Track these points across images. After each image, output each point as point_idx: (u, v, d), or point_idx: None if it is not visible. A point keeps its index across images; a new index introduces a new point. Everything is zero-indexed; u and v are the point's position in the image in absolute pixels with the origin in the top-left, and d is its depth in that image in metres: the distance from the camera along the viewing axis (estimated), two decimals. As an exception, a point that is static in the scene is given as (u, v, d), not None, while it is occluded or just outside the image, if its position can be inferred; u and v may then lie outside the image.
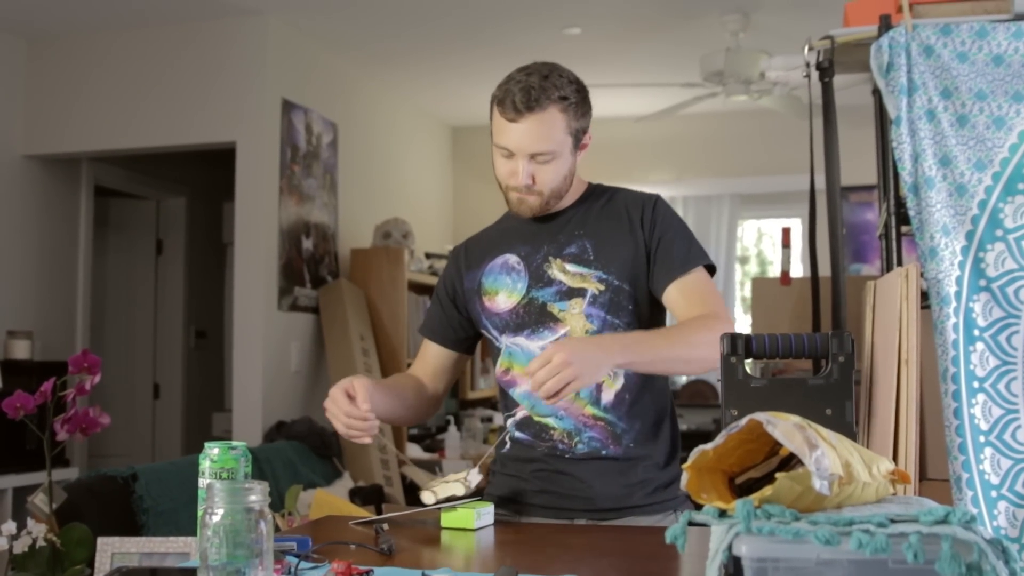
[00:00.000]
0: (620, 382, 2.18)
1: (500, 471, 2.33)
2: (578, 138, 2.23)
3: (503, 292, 2.28)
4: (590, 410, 2.18)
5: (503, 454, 2.31)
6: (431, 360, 2.43)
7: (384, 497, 4.80)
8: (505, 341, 2.27)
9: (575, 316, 2.19)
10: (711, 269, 2.25)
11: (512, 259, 2.29)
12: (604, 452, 2.18)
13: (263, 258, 5.02)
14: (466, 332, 2.40)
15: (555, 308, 2.21)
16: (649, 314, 2.23)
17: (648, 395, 2.22)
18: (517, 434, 2.27)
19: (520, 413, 2.25)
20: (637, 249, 2.21)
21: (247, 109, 5.08)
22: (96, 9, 4.97)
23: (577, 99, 2.21)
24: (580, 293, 2.20)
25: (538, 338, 2.22)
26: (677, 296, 2.17)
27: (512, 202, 2.24)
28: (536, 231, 2.29)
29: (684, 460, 1.30)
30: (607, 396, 2.18)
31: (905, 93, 2.47)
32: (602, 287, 2.19)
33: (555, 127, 2.16)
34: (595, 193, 2.34)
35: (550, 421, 2.21)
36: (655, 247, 2.20)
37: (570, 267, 2.22)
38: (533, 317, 2.23)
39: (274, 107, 5.11)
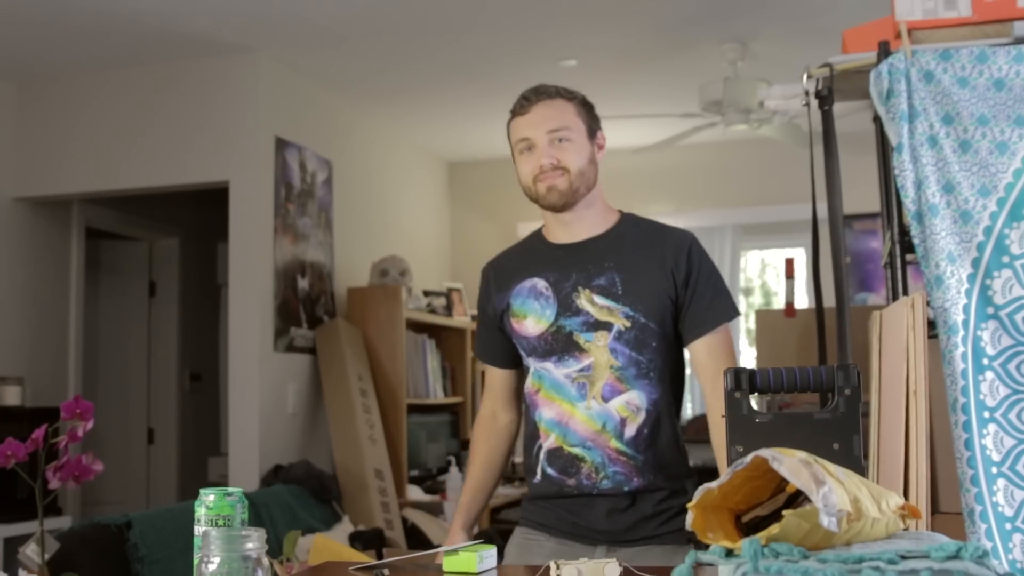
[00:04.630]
0: (641, 416, 2.27)
1: (530, 502, 2.43)
2: (592, 131, 2.39)
3: (532, 317, 2.36)
4: (615, 444, 2.27)
5: (535, 484, 2.40)
6: (499, 386, 2.56)
7: (385, 541, 4.78)
8: (534, 364, 2.37)
9: (600, 348, 2.28)
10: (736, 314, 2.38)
11: (541, 284, 2.37)
12: (626, 488, 2.28)
13: (258, 299, 5.02)
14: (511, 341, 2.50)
15: (581, 338, 2.29)
16: (674, 350, 2.33)
17: (663, 428, 2.31)
18: (548, 469, 2.36)
19: (548, 443, 2.35)
20: (667, 292, 2.29)
21: (240, 148, 5.10)
22: (86, 49, 5.00)
23: (582, 99, 2.40)
24: (606, 326, 2.28)
25: (564, 366, 2.31)
26: (703, 350, 2.30)
27: (541, 194, 2.37)
28: (566, 257, 2.37)
29: (694, 486, 1.30)
30: (630, 431, 2.27)
31: (906, 119, 2.48)
32: (628, 323, 2.27)
33: (566, 110, 2.35)
34: (628, 223, 2.44)
35: (579, 451, 2.30)
36: (687, 298, 2.30)
37: (598, 299, 2.30)
38: (560, 345, 2.31)
39: (267, 145, 5.13)
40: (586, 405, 2.29)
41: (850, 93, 2.88)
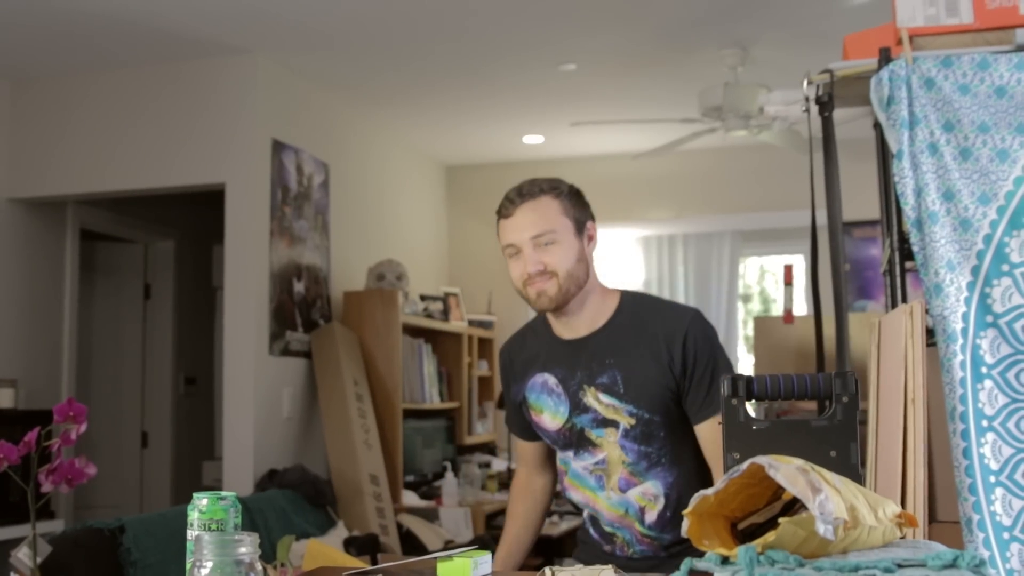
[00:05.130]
0: (660, 503, 2.34)
1: (581, 541, 2.55)
2: (580, 225, 2.36)
3: (547, 412, 2.43)
4: (639, 528, 2.36)
5: (581, 538, 2.54)
6: (530, 456, 2.63)
7: (380, 547, 4.77)
8: (558, 452, 2.48)
9: (611, 444, 2.35)
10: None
11: (551, 380, 2.42)
12: (655, 557, 2.38)
13: (254, 302, 5.02)
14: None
15: (592, 435, 2.36)
16: (682, 435, 2.36)
17: (685, 503, 2.33)
18: (591, 529, 2.48)
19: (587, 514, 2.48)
20: (667, 385, 2.31)
21: (236, 150, 5.10)
22: (81, 50, 5.00)
23: (569, 191, 2.37)
24: (614, 424, 2.33)
25: (582, 459, 2.40)
26: (705, 434, 2.33)
27: (531, 298, 2.36)
28: (569, 354, 2.40)
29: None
30: (650, 517, 2.35)
31: (906, 126, 2.48)
32: (633, 421, 2.31)
33: (550, 210, 2.31)
34: (626, 310, 2.42)
35: (610, 529, 2.41)
36: (687, 387, 2.32)
37: (603, 397, 2.34)
38: (575, 440, 2.39)
39: (264, 147, 5.13)
40: (607, 495, 2.38)
41: (850, 99, 2.88)
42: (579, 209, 2.37)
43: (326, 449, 5.34)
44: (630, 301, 2.43)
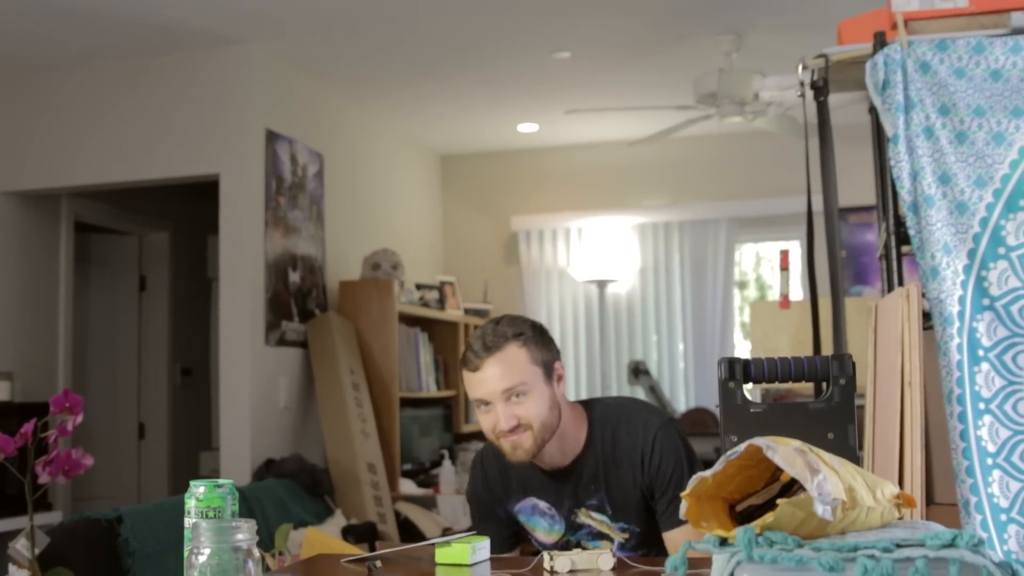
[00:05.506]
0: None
1: None
2: (548, 369, 2.31)
3: (540, 530, 2.43)
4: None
5: None
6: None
7: (378, 535, 4.78)
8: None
9: (607, 551, 2.34)
10: None
11: (542, 504, 2.42)
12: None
13: (249, 292, 5.01)
14: (512, 529, 2.51)
15: (590, 546, 2.37)
16: None
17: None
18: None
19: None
20: (643, 500, 2.34)
21: (230, 140, 5.09)
22: (74, 41, 4.99)
23: (533, 334, 2.31)
24: (608, 537, 2.36)
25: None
26: (668, 543, 2.33)
27: (507, 451, 2.31)
28: (553, 483, 2.40)
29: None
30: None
31: (902, 111, 2.49)
32: (626, 535, 2.35)
33: (518, 359, 2.25)
34: (597, 431, 2.39)
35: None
36: (657, 496, 2.33)
37: (595, 515, 2.37)
38: (571, 547, 2.39)
39: (258, 138, 5.12)
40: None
41: (846, 84, 2.88)
42: (545, 351, 2.32)
43: (323, 438, 5.34)
44: (599, 420, 2.40)
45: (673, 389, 7.06)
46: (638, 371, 6.74)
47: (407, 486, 5.69)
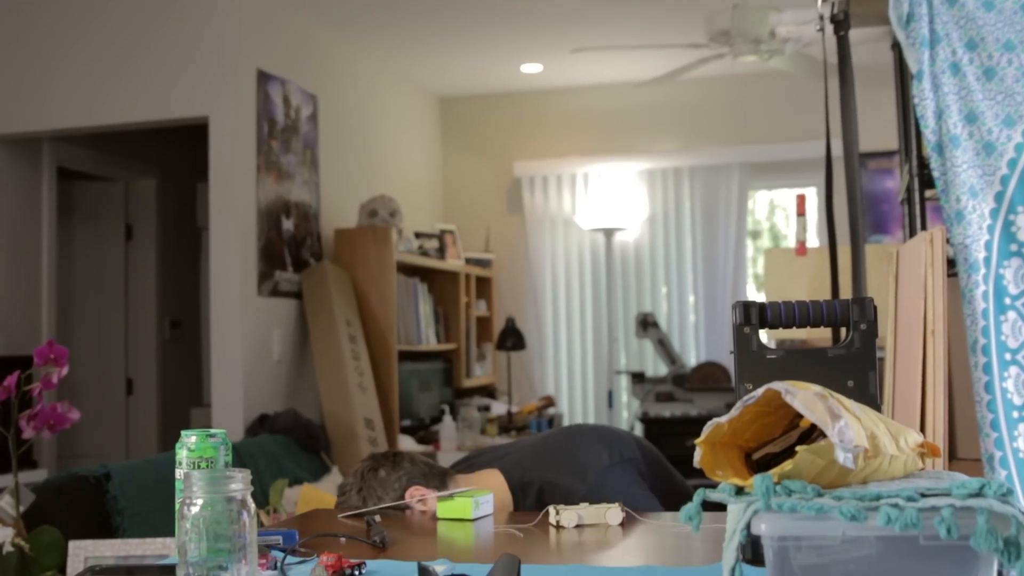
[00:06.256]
0: None
1: None
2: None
3: None
4: None
5: None
6: None
7: (376, 493, 4.80)
8: None
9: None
10: None
11: None
12: None
13: (240, 241, 5.00)
14: None
15: None
16: None
17: None
18: None
19: None
20: None
21: (220, 81, 5.05)
22: (55, -24, 4.94)
23: (358, 485, 2.28)
24: None
25: None
26: None
27: None
28: None
29: None
30: None
31: (927, 45, 2.46)
32: None
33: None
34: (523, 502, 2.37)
35: None
36: None
37: None
38: None
39: (249, 78, 5.09)
40: None
41: (867, 19, 2.85)
42: (377, 495, 2.25)
43: (319, 393, 5.35)
44: (520, 487, 2.39)
45: (683, 342, 7.06)
46: (646, 324, 6.74)
47: (406, 442, 5.71)
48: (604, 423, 6.92)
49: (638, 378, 6.65)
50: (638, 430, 6.64)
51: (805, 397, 1.17)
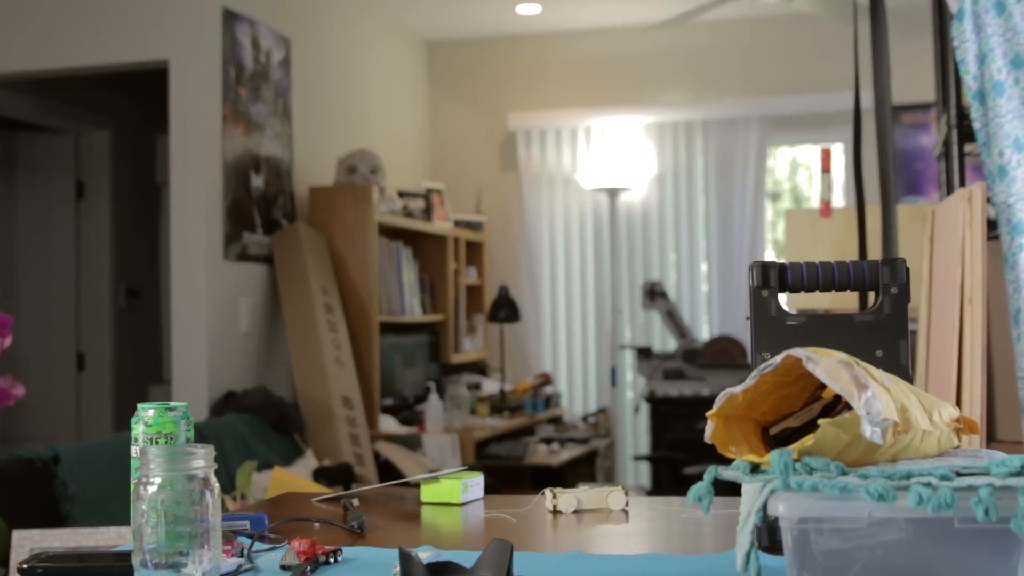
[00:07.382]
0: None
1: None
2: None
3: None
4: None
5: None
6: None
7: (355, 478, 4.81)
8: None
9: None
10: None
11: None
12: None
13: (204, 199, 4.99)
14: None
15: None
16: None
17: None
18: None
19: None
20: None
21: (180, 21, 5.03)
22: (-3, -98, 4.91)
23: None
24: None
25: None
26: None
27: None
28: None
29: None
30: None
31: (968, -19, 2.45)
32: None
33: None
34: None
35: None
36: None
37: None
38: None
39: (213, 19, 5.07)
40: None
41: (902, -48, 2.84)
42: None
43: (291, 368, 5.36)
44: None
45: (694, 315, 7.07)
46: (653, 294, 6.75)
47: (388, 423, 5.73)
48: (605, 403, 6.94)
49: (644, 354, 6.67)
50: (644, 410, 6.66)
51: (828, 365, 1.17)
